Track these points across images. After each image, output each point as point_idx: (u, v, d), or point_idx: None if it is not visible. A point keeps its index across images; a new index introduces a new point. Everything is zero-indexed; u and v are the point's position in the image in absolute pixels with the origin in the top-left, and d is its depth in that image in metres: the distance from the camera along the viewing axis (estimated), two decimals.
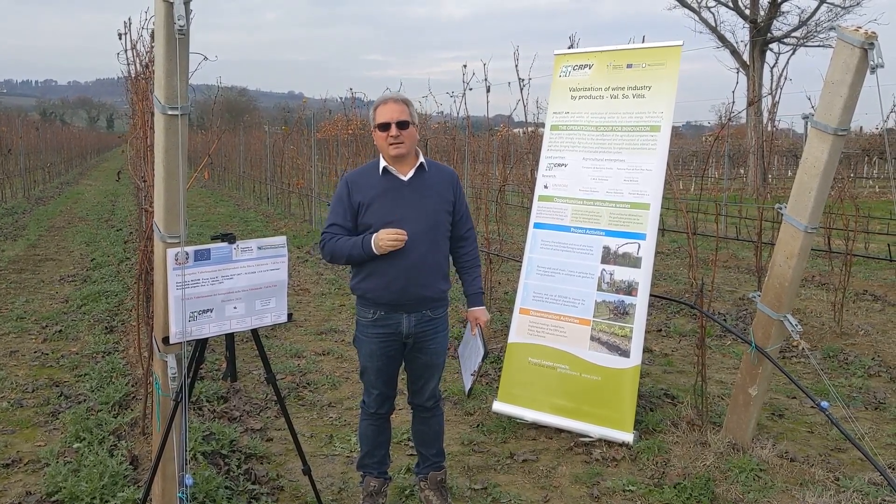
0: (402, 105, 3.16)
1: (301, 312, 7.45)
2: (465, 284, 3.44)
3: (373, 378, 3.29)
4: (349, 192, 3.19)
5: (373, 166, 3.27)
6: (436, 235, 3.21)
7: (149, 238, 3.74)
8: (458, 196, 3.33)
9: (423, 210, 3.18)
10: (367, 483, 3.43)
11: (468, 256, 3.42)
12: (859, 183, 25.66)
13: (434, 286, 3.21)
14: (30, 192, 20.88)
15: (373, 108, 3.25)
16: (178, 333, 2.71)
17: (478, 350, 3.43)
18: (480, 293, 3.46)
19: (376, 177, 3.21)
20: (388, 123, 3.12)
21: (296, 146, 17.42)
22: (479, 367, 3.39)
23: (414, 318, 3.20)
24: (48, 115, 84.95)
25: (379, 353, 3.23)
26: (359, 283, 3.22)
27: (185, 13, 2.44)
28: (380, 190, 3.17)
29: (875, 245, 11.91)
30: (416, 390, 3.39)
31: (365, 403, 3.39)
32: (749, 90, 24.93)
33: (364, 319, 3.25)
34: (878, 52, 3.32)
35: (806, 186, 3.72)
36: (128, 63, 4.27)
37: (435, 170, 3.31)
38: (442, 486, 3.52)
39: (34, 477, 3.78)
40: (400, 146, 3.13)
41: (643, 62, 4.53)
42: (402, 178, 3.20)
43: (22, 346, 6.18)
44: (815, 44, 27.14)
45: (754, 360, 4.05)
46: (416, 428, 3.52)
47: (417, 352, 3.28)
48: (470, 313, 3.46)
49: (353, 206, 3.17)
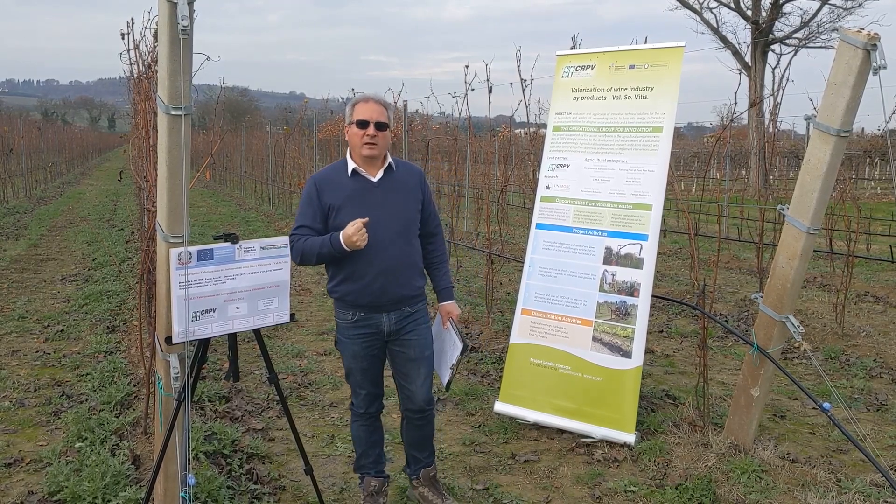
0: (382, 107, 3.15)
1: (303, 313, 7.46)
2: (434, 280, 3.46)
3: (359, 378, 3.28)
4: (318, 193, 3.16)
5: (340, 167, 3.23)
6: (409, 235, 3.23)
7: (151, 238, 3.74)
8: (426, 193, 3.34)
9: (395, 211, 3.18)
10: (366, 483, 3.44)
11: (437, 252, 3.44)
12: (861, 184, 25.65)
13: (411, 284, 3.24)
14: (31, 192, 20.91)
15: (351, 103, 3.22)
16: (180, 333, 2.72)
17: (454, 344, 3.41)
18: (451, 288, 3.50)
19: (345, 178, 3.18)
20: (367, 122, 3.10)
21: (297, 146, 17.43)
22: (458, 360, 3.38)
23: (394, 317, 3.22)
24: (50, 114, 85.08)
25: (362, 354, 3.23)
26: (336, 287, 3.21)
27: (188, 13, 2.45)
28: (349, 192, 3.15)
29: (877, 246, 11.89)
30: (408, 394, 3.34)
31: (354, 405, 3.38)
32: (751, 91, 24.95)
33: (344, 322, 3.24)
34: (880, 54, 3.32)
35: (808, 188, 3.72)
36: (130, 63, 4.26)
37: (403, 169, 3.31)
38: (435, 480, 3.54)
39: (36, 476, 3.78)
40: (374, 147, 3.12)
41: (645, 63, 4.53)
42: (371, 179, 3.18)
43: (24, 346, 6.18)
44: (816, 45, 27.16)
45: (756, 362, 4.04)
46: (409, 434, 3.49)
47: (401, 347, 3.27)
48: (441, 308, 3.46)
49: (322, 208, 3.14)
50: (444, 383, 3.48)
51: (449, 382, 3.46)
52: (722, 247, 10.25)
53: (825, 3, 26.55)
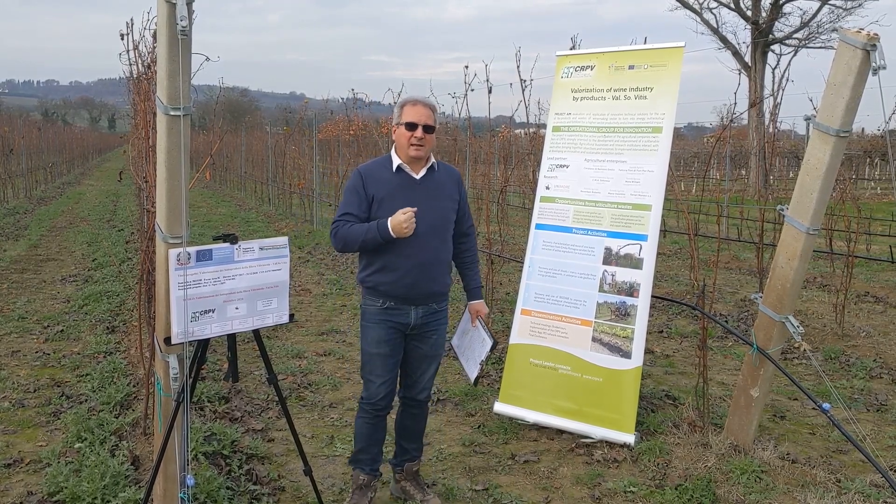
0: (430, 110, 3.28)
1: (302, 313, 7.45)
2: (466, 279, 3.58)
3: (378, 365, 3.31)
4: (364, 183, 3.26)
5: (385, 162, 3.34)
6: (445, 233, 3.35)
7: (151, 238, 3.74)
8: (462, 195, 3.47)
9: (435, 208, 3.29)
10: (356, 476, 3.46)
11: (469, 252, 3.55)
12: (861, 184, 25.66)
13: (442, 280, 3.35)
14: (31, 193, 20.91)
15: (400, 104, 3.33)
16: (179, 334, 2.72)
17: (483, 340, 3.59)
18: (480, 287, 3.65)
19: (390, 173, 3.29)
20: (416, 124, 3.22)
21: (297, 147, 17.43)
22: (488, 356, 3.58)
23: (421, 311, 3.31)
24: (50, 115, 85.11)
25: (386, 339, 3.29)
26: (369, 276, 3.28)
27: (187, 14, 2.45)
28: (394, 186, 3.26)
29: (877, 247, 11.89)
30: (412, 383, 3.45)
31: (363, 398, 3.39)
32: (750, 91, 24.94)
33: (373, 307, 3.31)
34: (880, 54, 3.33)
35: (808, 188, 3.72)
36: (130, 64, 4.26)
37: (443, 169, 3.43)
38: (417, 475, 3.60)
39: (36, 477, 3.78)
40: (421, 149, 3.25)
41: (645, 63, 4.53)
42: (414, 176, 3.30)
43: (24, 346, 6.18)
44: (816, 45, 27.13)
45: (756, 362, 4.04)
46: (402, 422, 3.55)
47: (419, 342, 3.36)
48: (471, 306, 3.61)
49: (367, 198, 3.24)
50: (471, 378, 3.69)
51: (477, 378, 3.69)
52: (722, 247, 10.25)
53: (825, 4, 26.53)
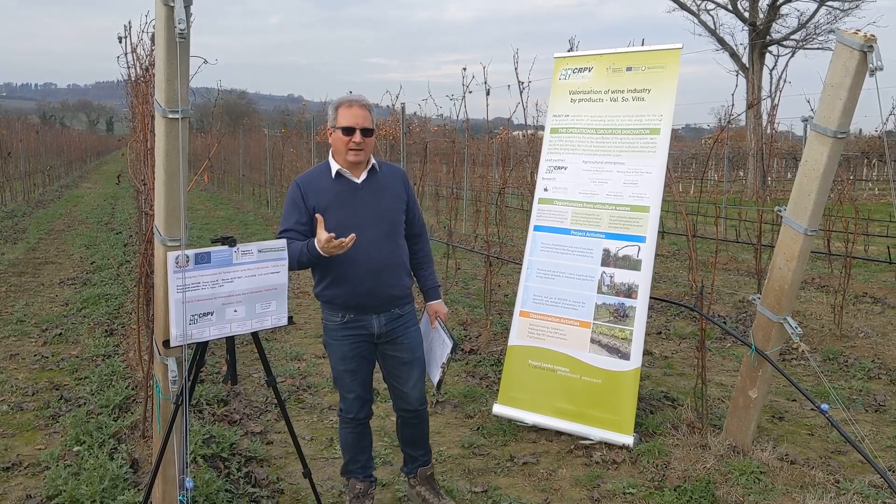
0: (367, 111, 3.14)
1: (301, 315, 7.46)
2: (421, 280, 3.47)
3: (348, 381, 3.25)
4: (303, 195, 3.15)
5: (324, 169, 3.22)
6: (395, 235, 3.23)
7: (149, 241, 3.74)
8: (409, 194, 3.35)
9: (381, 212, 3.18)
10: (352, 485, 3.44)
11: (422, 253, 3.44)
12: (859, 185, 25.66)
13: (399, 283, 3.23)
14: (30, 196, 20.89)
15: (334, 105, 3.18)
16: (178, 336, 2.71)
17: (443, 343, 3.41)
18: (437, 287, 3.49)
19: (329, 180, 3.17)
20: (354, 129, 3.09)
21: (295, 149, 17.43)
22: (448, 359, 3.38)
23: (384, 318, 3.21)
24: (48, 118, 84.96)
25: (351, 355, 3.21)
26: (324, 290, 3.20)
27: (185, 17, 2.45)
28: (335, 194, 3.14)
29: (875, 247, 11.90)
30: (402, 394, 3.34)
31: (342, 410, 3.34)
32: (748, 93, 24.99)
33: (332, 323, 3.23)
34: (877, 55, 3.33)
35: (806, 189, 3.72)
36: (128, 66, 4.27)
37: (386, 170, 3.31)
38: (432, 479, 3.54)
39: (34, 480, 3.77)
40: (360, 153, 3.12)
41: (643, 65, 4.54)
42: (356, 181, 3.18)
43: (22, 350, 6.18)
44: (814, 46, 27.22)
45: (754, 363, 4.04)
46: (403, 433, 3.49)
47: (393, 350, 3.27)
48: (429, 307, 3.47)
49: (308, 210, 3.13)
50: (434, 383, 3.47)
51: (440, 382, 3.45)
52: (720, 248, 10.26)
53: (822, 5, 26.60)
